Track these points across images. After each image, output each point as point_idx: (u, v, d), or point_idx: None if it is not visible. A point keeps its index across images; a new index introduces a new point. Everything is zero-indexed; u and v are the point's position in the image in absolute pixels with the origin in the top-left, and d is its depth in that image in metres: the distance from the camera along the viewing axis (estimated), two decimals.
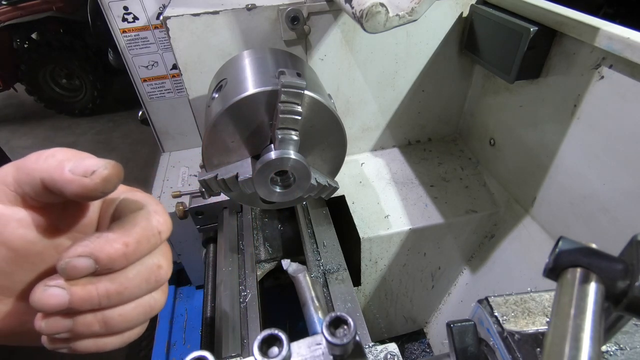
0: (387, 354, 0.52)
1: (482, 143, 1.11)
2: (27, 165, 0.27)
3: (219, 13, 0.82)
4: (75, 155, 0.27)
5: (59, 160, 0.27)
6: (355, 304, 0.72)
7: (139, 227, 0.29)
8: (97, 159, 0.27)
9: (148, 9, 1.11)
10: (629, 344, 0.35)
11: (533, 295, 0.39)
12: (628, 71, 0.65)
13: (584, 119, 0.75)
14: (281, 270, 0.81)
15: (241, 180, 0.63)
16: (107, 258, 0.27)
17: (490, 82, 1.03)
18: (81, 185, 0.26)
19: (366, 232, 0.96)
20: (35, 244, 0.28)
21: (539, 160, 0.88)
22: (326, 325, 0.33)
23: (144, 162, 3.07)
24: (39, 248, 0.29)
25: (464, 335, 0.39)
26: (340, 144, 0.70)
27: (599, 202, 0.75)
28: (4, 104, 4.15)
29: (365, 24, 0.59)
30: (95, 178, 0.26)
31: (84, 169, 0.26)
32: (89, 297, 0.27)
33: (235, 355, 0.63)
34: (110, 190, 0.27)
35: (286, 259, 0.82)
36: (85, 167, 0.26)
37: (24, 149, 3.35)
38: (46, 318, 0.27)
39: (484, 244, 1.09)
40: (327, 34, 0.92)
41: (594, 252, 0.28)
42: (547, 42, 0.78)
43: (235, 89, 0.62)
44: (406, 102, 1.11)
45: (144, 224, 0.29)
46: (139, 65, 1.20)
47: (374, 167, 1.15)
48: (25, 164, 0.27)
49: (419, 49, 1.01)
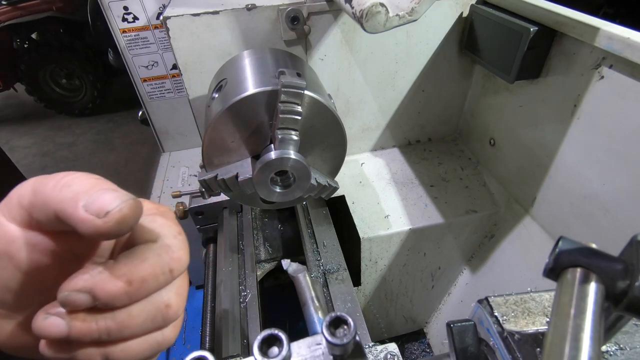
0: (387, 354, 0.52)
1: (482, 143, 1.11)
2: (45, 191, 0.26)
3: (219, 13, 0.82)
4: (93, 186, 0.25)
5: (75, 193, 0.25)
6: (355, 304, 0.72)
7: (147, 263, 0.27)
8: (115, 192, 0.25)
9: (148, 9, 1.11)
10: (629, 344, 0.35)
11: (533, 295, 0.39)
12: (628, 71, 0.65)
13: (584, 119, 0.75)
14: (281, 270, 0.81)
15: (241, 180, 0.63)
16: (107, 296, 0.26)
17: (490, 82, 1.03)
18: (93, 227, 0.24)
19: (366, 232, 0.96)
20: (48, 268, 0.28)
21: (539, 160, 0.88)
22: (326, 325, 0.33)
23: (144, 162, 3.08)
24: (51, 272, 0.28)
25: (464, 335, 0.39)
26: (340, 144, 0.70)
27: (599, 202, 0.75)
28: (4, 104, 4.15)
29: (365, 24, 0.59)
30: (108, 221, 0.24)
31: (99, 207, 0.24)
32: (88, 331, 0.26)
33: (235, 355, 0.63)
34: (125, 232, 0.25)
35: (286, 259, 0.82)
36: (100, 205, 0.24)
37: (24, 149, 3.35)
38: (49, 344, 0.27)
39: (484, 244, 1.09)
40: (327, 34, 0.92)
41: (594, 252, 0.28)
42: (547, 42, 0.78)
43: (235, 89, 0.62)
44: (406, 102, 1.11)
45: (153, 261, 0.28)
46: (139, 65, 1.20)
47: (374, 167, 1.15)
48: (43, 190, 0.26)
49: (419, 49, 1.01)
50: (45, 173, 0.28)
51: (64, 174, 0.27)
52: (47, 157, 3.25)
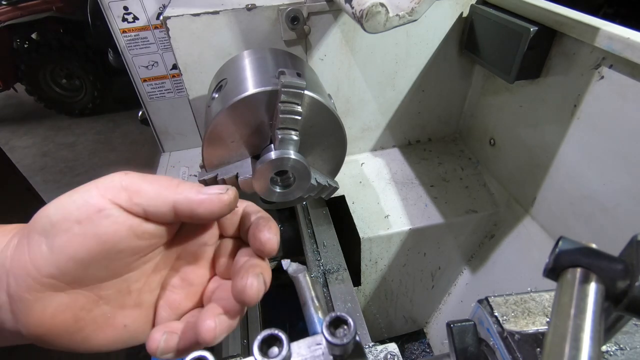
0: (387, 354, 0.52)
1: (482, 143, 1.11)
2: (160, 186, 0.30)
3: (219, 13, 0.82)
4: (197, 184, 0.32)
5: (190, 185, 0.31)
6: (355, 304, 0.72)
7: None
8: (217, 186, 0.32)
9: (148, 9, 1.11)
10: (629, 344, 0.35)
11: (533, 295, 0.39)
12: (628, 71, 0.65)
13: (584, 119, 0.75)
14: (281, 270, 0.81)
15: (241, 180, 0.63)
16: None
17: (490, 82, 1.03)
18: (218, 201, 0.31)
19: (366, 232, 0.96)
20: (121, 242, 0.29)
21: (539, 160, 0.88)
22: (326, 325, 0.33)
23: (144, 162, 3.07)
24: (122, 247, 0.29)
25: (464, 335, 0.39)
26: (340, 144, 0.70)
27: (599, 202, 0.75)
28: (4, 104, 4.15)
29: (365, 24, 0.59)
30: (230, 194, 0.31)
31: (217, 189, 0.31)
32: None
33: (235, 355, 0.64)
34: (235, 207, 0.33)
35: (286, 259, 0.81)
36: (216, 189, 0.31)
37: (24, 149, 3.35)
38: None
39: (484, 244, 1.09)
40: (327, 34, 0.92)
41: (594, 252, 0.28)
42: (547, 42, 0.78)
43: (235, 89, 0.62)
44: (406, 102, 1.11)
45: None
46: (139, 65, 1.20)
47: (374, 167, 1.15)
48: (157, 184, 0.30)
49: (419, 49, 1.01)
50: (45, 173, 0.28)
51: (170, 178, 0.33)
52: (47, 157, 3.24)
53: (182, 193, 0.30)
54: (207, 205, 0.30)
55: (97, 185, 0.29)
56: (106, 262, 0.29)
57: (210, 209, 0.30)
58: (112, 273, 0.30)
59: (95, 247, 0.28)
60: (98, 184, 0.30)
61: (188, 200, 0.30)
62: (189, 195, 0.30)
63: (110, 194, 0.29)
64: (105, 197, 0.29)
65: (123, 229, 0.29)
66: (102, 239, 0.28)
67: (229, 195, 0.31)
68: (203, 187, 0.31)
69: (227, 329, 0.32)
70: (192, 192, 0.30)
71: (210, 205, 0.30)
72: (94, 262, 0.28)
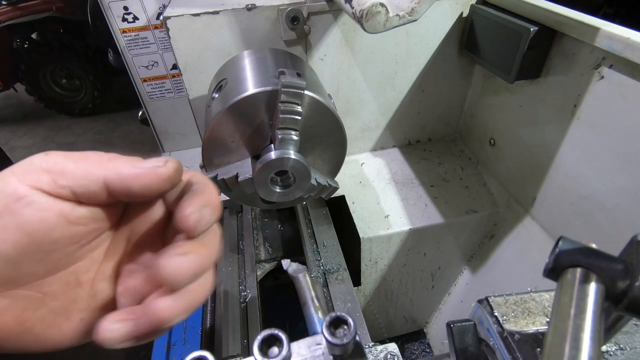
0: (387, 354, 0.52)
1: (482, 143, 1.11)
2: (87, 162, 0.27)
3: (219, 13, 0.82)
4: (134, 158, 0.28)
5: (125, 159, 0.27)
6: (355, 304, 0.72)
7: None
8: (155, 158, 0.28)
9: (148, 9, 1.11)
10: (629, 344, 0.35)
11: (533, 295, 0.39)
12: (628, 71, 0.65)
13: (584, 119, 0.75)
14: (281, 270, 0.81)
15: (241, 180, 0.63)
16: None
17: (490, 82, 1.03)
18: (156, 175, 0.27)
19: (366, 232, 0.96)
20: (52, 231, 0.26)
21: (539, 160, 0.88)
22: (326, 325, 0.33)
23: None
24: (55, 237, 0.26)
25: (464, 335, 0.39)
26: (340, 144, 0.70)
27: (599, 202, 0.75)
28: (4, 104, 4.15)
29: (365, 24, 0.59)
30: (169, 167, 0.27)
31: (154, 162, 0.27)
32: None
33: (236, 355, 0.64)
34: (177, 183, 0.28)
35: (286, 259, 0.82)
36: (154, 161, 0.27)
37: (24, 149, 3.35)
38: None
39: (484, 244, 1.09)
40: (327, 34, 0.92)
41: (594, 252, 0.28)
42: (547, 42, 0.78)
43: (236, 89, 0.62)
44: (406, 102, 1.11)
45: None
46: (139, 65, 1.20)
47: (374, 167, 1.15)
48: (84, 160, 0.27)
49: (419, 49, 1.01)
50: None
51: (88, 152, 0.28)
52: None
53: (113, 169, 0.27)
54: (142, 180, 0.26)
55: (13, 170, 0.26)
56: (40, 256, 0.26)
57: (147, 184, 0.27)
58: (53, 267, 0.27)
59: (21, 240, 0.25)
60: (14, 169, 0.26)
61: (120, 176, 0.26)
62: (121, 170, 0.26)
63: (30, 179, 0.25)
64: (24, 183, 0.25)
65: (51, 215, 0.26)
66: (27, 229, 0.25)
67: (167, 168, 0.27)
68: (140, 161, 0.27)
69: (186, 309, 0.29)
70: (125, 167, 0.27)
71: (146, 180, 0.27)
72: (24, 258, 0.25)
